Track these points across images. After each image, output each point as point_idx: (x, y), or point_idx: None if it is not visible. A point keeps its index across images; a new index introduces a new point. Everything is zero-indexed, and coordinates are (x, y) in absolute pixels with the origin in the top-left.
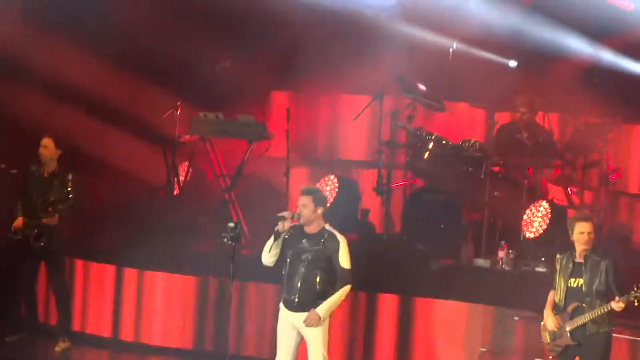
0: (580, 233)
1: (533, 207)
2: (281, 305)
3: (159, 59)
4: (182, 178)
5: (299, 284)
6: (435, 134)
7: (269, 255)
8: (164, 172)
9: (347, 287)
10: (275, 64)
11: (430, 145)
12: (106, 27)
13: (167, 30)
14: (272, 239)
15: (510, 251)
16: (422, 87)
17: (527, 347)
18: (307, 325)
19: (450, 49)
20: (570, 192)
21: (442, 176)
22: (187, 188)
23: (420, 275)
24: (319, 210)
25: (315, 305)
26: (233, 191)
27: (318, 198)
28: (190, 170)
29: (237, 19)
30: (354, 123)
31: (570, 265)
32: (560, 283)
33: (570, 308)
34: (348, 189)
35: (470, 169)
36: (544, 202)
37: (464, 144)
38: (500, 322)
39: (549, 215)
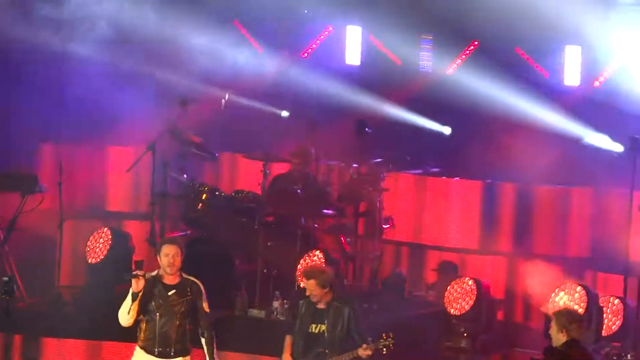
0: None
1: (307, 257)
2: (145, 354)
3: None
4: None
5: (174, 336)
6: (209, 184)
7: (127, 317)
8: None
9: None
10: (46, 117)
11: (204, 196)
12: None
13: None
14: (129, 300)
15: (285, 301)
16: (194, 138)
17: None
18: None
19: (223, 100)
20: (344, 241)
21: (215, 227)
22: None
23: None
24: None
25: (187, 349)
26: (7, 245)
27: (182, 246)
28: None
29: (6, 70)
30: (127, 175)
31: (312, 311)
32: (301, 329)
33: (313, 353)
34: (121, 241)
35: (244, 219)
36: (317, 252)
37: (237, 195)
38: None
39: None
